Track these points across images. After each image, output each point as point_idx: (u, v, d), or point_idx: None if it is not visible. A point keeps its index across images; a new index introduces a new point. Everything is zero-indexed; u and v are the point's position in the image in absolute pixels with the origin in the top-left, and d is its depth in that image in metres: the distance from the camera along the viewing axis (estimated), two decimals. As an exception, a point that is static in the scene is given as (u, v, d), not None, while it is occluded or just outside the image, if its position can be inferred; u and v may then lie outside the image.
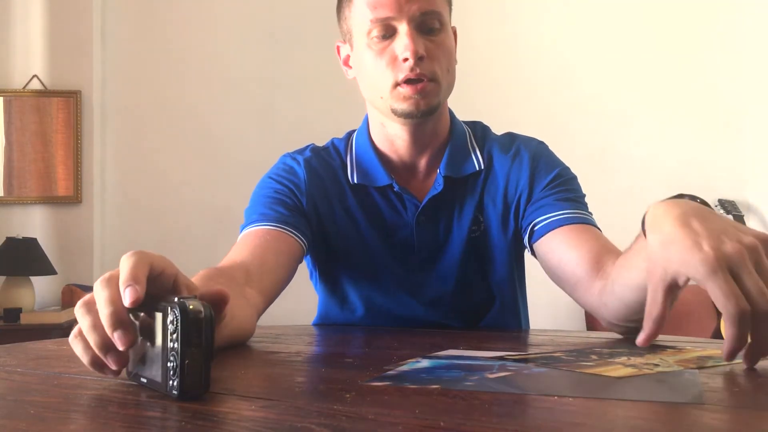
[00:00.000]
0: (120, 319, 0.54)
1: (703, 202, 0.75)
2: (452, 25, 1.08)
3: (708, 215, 0.68)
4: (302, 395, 0.54)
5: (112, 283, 0.55)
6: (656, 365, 0.64)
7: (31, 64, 3.17)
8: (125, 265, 0.55)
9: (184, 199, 3.28)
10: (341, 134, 1.19)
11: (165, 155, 3.31)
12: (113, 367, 0.56)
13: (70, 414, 0.47)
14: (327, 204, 1.11)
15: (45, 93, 3.15)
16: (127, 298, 0.53)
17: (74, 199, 3.16)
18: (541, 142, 1.16)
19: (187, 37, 3.33)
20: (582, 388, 0.56)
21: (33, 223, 3.14)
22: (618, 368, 0.63)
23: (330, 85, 3.29)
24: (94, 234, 3.20)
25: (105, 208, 3.28)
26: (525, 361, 0.69)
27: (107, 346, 0.55)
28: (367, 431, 0.43)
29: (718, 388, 0.55)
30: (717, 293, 0.60)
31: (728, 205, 3.06)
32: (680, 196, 0.80)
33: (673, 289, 0.67)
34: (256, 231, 1.03)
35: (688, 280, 0.65)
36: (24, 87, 3.16)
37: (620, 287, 0.85)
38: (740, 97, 3.20)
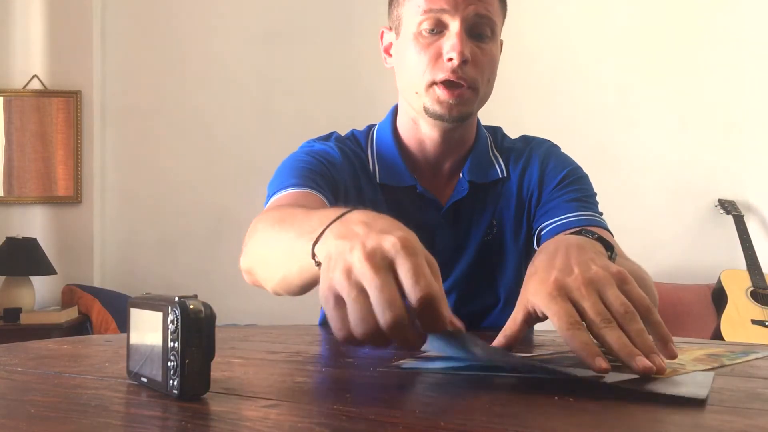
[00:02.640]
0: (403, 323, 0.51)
1: (600, 239, 0.78)
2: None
3: (574, 251, 0.69)
4: (302, 395, 0.54)
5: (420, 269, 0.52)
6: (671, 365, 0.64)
7: (31, 64, 3.17)
8: (422, 265, 0.52)
9: (184, 199, 3.29)
10: (341, 134, 1.18)
11: (165, 155, 3.32)
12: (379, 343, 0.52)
13: (70, 414, 0.47)
14: (356, 192, 1.07)
15: (45, 93, 3.15)
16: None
17: (74, 199, 3.16)
18: (553, 144, 1.15)
19: (187, 37, 3.34)
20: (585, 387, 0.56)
21: (33, 223, 3.15)
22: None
23: (330, 85, 3.30)
24: (94, 234, 3.20)
25: (105, 208, 3.28)
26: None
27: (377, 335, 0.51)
28: (367, 431, 0.43)
29: (719, 388, 0.55)
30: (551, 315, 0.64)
31: (728, 205, 3.05)
32: (579, 232, 0.82)
33: (530, 314, 0.68)
34: (290, 193, 0.96)
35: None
36: (24, 87, 3.16)
37: None
38: (741, 97, 3.20)
